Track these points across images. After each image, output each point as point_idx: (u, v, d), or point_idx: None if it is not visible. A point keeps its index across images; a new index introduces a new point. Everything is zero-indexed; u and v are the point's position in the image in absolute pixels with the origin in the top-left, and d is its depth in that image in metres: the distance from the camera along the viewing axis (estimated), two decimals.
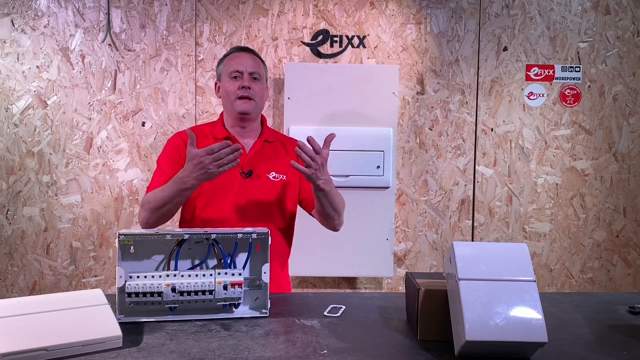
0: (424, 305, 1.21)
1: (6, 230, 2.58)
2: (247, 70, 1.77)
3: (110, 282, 2.61)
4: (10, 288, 2.59)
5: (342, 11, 2.62)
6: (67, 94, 2.57)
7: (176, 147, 1.77)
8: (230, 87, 1.77)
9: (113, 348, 1.13)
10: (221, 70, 1.84)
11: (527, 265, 1.15)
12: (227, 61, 1.82)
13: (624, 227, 2.73)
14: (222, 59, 1.86)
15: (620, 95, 2.69)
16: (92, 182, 2.59)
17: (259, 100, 1.79)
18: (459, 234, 2.71)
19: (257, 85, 1.78)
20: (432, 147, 2.68)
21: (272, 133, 1.90)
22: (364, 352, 1.14)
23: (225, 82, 1.80)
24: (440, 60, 2.66)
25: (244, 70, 1.77)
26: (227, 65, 1.81)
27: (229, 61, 1.82)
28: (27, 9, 2.54)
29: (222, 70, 1.83)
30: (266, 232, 1.38)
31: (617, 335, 1.28)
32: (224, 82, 1.81)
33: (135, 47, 2.58)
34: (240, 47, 1.89)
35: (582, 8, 2.66)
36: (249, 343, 1.18)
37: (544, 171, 2.70)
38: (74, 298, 1.22)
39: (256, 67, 1.80)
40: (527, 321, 1.07)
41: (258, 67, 1.81)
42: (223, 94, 1.81)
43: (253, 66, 1.79)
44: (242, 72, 1.77)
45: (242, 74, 1.77)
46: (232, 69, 1.78)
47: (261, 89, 1.80)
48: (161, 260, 1.37)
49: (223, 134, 1.80)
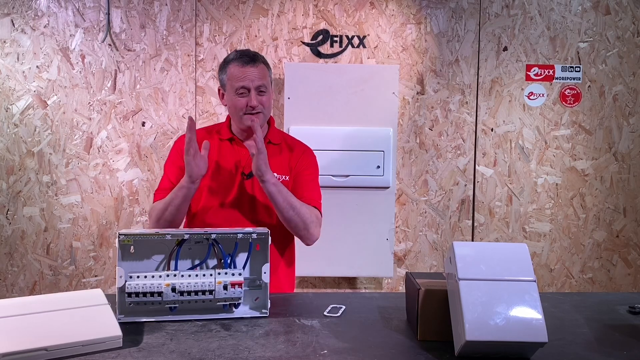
0: (424, 305, 1.21)
1: (6, 230, 2.58)
2: (253, 86, 1.71)
3: (110, 282, 2.61)
4: (10, 288, 2.59)
5: (342, 11, 2.62)
6: (67, 94, 2.57)
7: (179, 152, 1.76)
8: (237, 104, 1.72)
9: (113, 348, 1.13)
10: (225, 80, 1.76)
11: (527, 265, 1.15)
12: (232, 74, 1.73)
13: (624, 227, 2.73)
14: (225, 65, 1.77)
15: (620, 95, 2.69)
16: (92, 182, 2.59)
17: (267, 111, 1.77)
18: (459, 234, 2.71)
19: (264, 98, 1.73)
20: (432, 147, 2.68)
21: (278, 135, 1.87)
22: (364, 352, 1.14)
23: (231, 96, 1.74)
24: (440, 60, 2.66)
25: (251, 87, 1.70)
26: (232, 80, 1.73)
27: (234, 74, 1.72)
28: (27, 9, 2.54)
29: (227, 82, 1.75)
30: (266, 232, 1.38)
31: (617, 335, 1.28)
32: (229, 95, 1.74)
33: (135, 47, 2.58)
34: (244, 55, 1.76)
35: (582, 8, 2.66)
36: (249, 343, 1.18)
37: (544, 171, 2.70)
38: (74, 298, 1.22)
39: (262, 79, 1.73)
40: (527, 321, 1.07)
41: (264, 77, 1.74)
42: (229, 106, 1.76)
43: (259, 79, 1.72)
44: (248, 88, 1.70)
45: (248, 91, 1.71)
46: (237, 84, 1.71)
47: (268, 99, 1.76)
48: (161, 260, 1.37)
49: (227, 135, 1.80)
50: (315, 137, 2.50)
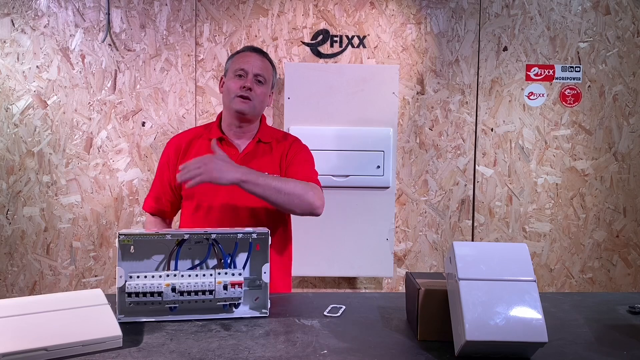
0: (424, 305, 1.21)
1: (6, 230, 2.58)
2: (252, 71, 1.77)
3: (110, 282, 2.61)
4: (10, 288, 2.59)
5: (342, 11, 2.62)
6: (67, 94, 2.57)
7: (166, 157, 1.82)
8: (232, 85, 1.77)
9: (113, 348, 1.14)
10: (229, 66, 1.84)
11: (527, 265, 1.15)
12: (236, 58, 1.83)
13: (624, 227, 2.73)
14: (233, 55, 1.87)
15: (620, 95, 2.69)
16: (92, 182, 2.59)
17: (258, 103, 1.78)
18: (459, 234, 2.71)
19: (259, 88, 1.77)
20: (432, 147, 2.68)
21: (269, 132, 1.87)
22: (364, 352, 1.14)
23: (229, 79, 1.81)
24: (440, 60, 2.66)
25: (250, 71, 1.77)
26: (235, 63, 1.81)
27: (238, 59, 1.82)
28: (27, 9, 2.54)
29: (229, 66, 1.83)
30: (266, 232, 1.38)
31: (617, 335, 1.28)
32: (228, 78, 1.82)
33: (135, 47, 2.58)
34: (253, 48, 1.89)
35: (582, 8, 2.66)
36: (249, 343, 1.18)
37: (544, 171, 2.70)
38: (74, 298, 1.22)
39: (262, 70, 1.78)
40: (527, 321, 1.07)
41: (265, 70, 1.79)
42: (225, 90, 1.82)
43: (260, 68, 1.78)
44: (247, 71, 1.77)
45: (247, 74, 1.77)
46: (238, 66, 1.78)
47: (263, 92, 1.79)
48: (161, 260, 1.37)
49: (217, 134, 1.79)
50: (315, 137, 2.50)
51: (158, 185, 1.82)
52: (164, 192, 1.81)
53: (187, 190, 1.75)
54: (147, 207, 1.85)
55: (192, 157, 1.74)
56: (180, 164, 1.72)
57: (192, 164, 1.51)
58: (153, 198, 1.84)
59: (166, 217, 1.88)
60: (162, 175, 1.81)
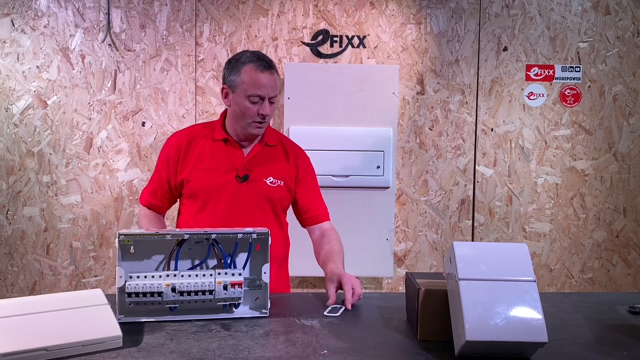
0: (424, 305, 1.21)
1: (6, 230, 2.58)
2: (268, 96, 1.68)
3: (110, 282, 2.61)
4: (10, 288, 2.59)
5: (342, 11, 2.62)
6: (67, 94, 2.57)
7: (166, 154, 1.79)
8: (248, 111, 1.69)
9: (113, 348, 1.14)
10: (237, 82, 1.69)
11: (527, 265, 1.15)
12: (248, 78, 1.67)
13: (624, 227, 2.73)
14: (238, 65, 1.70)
15: (620, 95, 2.69)
16: (92, 182, 2.59)
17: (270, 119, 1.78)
18: (459, 234, 2.71)
19: (271, 107, 1.72)
20: (432, 147, 2.68)
21: (274, 135, 1.85)
22: (364, 352, 1.14)
23: (241, 100, 1.69)
24: (440, 60, 2.66)
25: (266, 97, 1.68)
26: (247, 85, 1.67)
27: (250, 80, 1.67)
28: (27, 9, 2.54)
29: (239, 84, 1.68)
30: (266, 232, 1.38)
31: (617, 335, 1.28)
32: (239, 98, 1.69)
33: (135, 47, 2.58)
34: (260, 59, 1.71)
35: (582, 8, 2.66)
36: (249, 343, 1.18)
37: (544, 171, 2.70)
38: (74, 298, 1.22)
39: (275, 90, 1.71)
40: (527, 321, 1.07)
41: (276, 88, 1.72)
42: (236, 110, 1.72)
43: (273, 89, 1.69)
44: (263, 98, 1.68)
45: (262, 100, 1.68)
46: (253, 92, 1.67)
47: (274, 108, 1.76)
48: (161, 260, 1.37)
49: (221, 135, 1.77)
50: (315, 137, 2.51)
51: (156, 181, 1.81)
52: (160, 188, 1.80)
53: (190, 190, 1.74)
54: (142, 200, 1.84)
55: (194, 157, 1.74)
56: (181, 163, 1.74)
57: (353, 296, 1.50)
58: (149, 192, 1.82)
59: (160, 211, 1.87)
60: (161, 172, 1.79)
